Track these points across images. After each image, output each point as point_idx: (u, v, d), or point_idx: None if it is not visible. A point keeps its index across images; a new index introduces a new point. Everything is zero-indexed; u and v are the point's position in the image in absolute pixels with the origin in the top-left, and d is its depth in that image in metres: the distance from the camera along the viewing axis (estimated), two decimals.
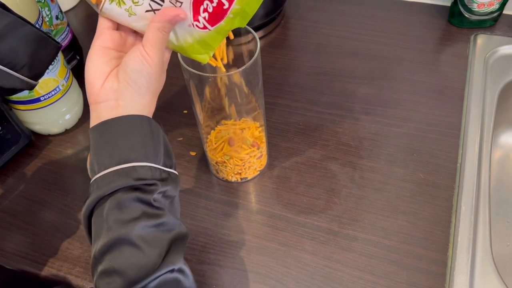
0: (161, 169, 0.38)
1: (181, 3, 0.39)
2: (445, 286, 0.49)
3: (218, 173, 0.61)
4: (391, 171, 0.60)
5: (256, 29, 0.79)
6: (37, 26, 0.57)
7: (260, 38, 0.80)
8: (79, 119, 0.70)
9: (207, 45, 0.42)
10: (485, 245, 0.52)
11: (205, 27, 0.40)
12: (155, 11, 0.39)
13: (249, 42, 0.49)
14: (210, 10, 0.39)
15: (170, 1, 0.38)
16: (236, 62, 0.48)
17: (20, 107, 0.63)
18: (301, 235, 0.54)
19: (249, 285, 0.51)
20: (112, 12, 0.39)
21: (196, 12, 0.39)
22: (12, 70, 0.40)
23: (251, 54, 0.47)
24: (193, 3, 0.39)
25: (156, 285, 0.35)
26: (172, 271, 0.36)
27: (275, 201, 0.58)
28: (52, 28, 0.68)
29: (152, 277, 0.35)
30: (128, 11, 0.39)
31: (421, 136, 0.63)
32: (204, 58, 0.43)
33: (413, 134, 0.63)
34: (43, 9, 0.65)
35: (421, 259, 0.51)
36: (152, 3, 0.39)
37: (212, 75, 0.45)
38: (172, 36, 0.41)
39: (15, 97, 0.62)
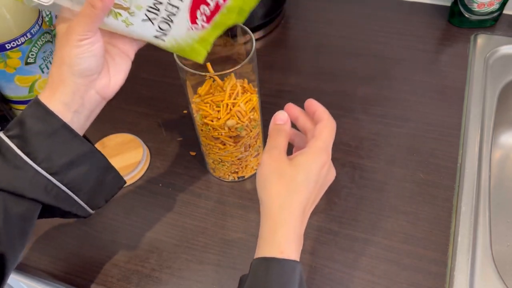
0: None
1: (177, 8, 0.39)
2: (445, 286, 0.49)
3: (214, 172, 0.60)
4: (391, 171, 0.60)
5: (256, 29, 0.79)
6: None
7: (260, 38, 0.80)
8: None
9: (205, 42, 0.43)
10: (485, 245, 0.52)
11: (203, 27, 0.41)
12: (152, 20, 0.40)
13: (246, 43, 0.49)
14: (208, 13, 0.41)
15: (165, 9, 0.39)
16: (234, 62, 0.48)
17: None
18: None
19: None
20: (111, 25, 0.39)
21: (193, 17, 0.40)
22: (74, 194, 0.40)
23: (248, 54, 0.47)
24: (191, 9, 0.40)
25: None
26: None
27: None
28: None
29: None
30: (125, 22, 0.39)
31: (421, 136, 0.63)
32: (200, 57, 0.43)
33: (413, 134, 0.63)
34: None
35: (421, 259, 0.51)
36: (148, 13, 0.39)
37: (208, 74, 0.46)
38: (171, 40, 0.42)
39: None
